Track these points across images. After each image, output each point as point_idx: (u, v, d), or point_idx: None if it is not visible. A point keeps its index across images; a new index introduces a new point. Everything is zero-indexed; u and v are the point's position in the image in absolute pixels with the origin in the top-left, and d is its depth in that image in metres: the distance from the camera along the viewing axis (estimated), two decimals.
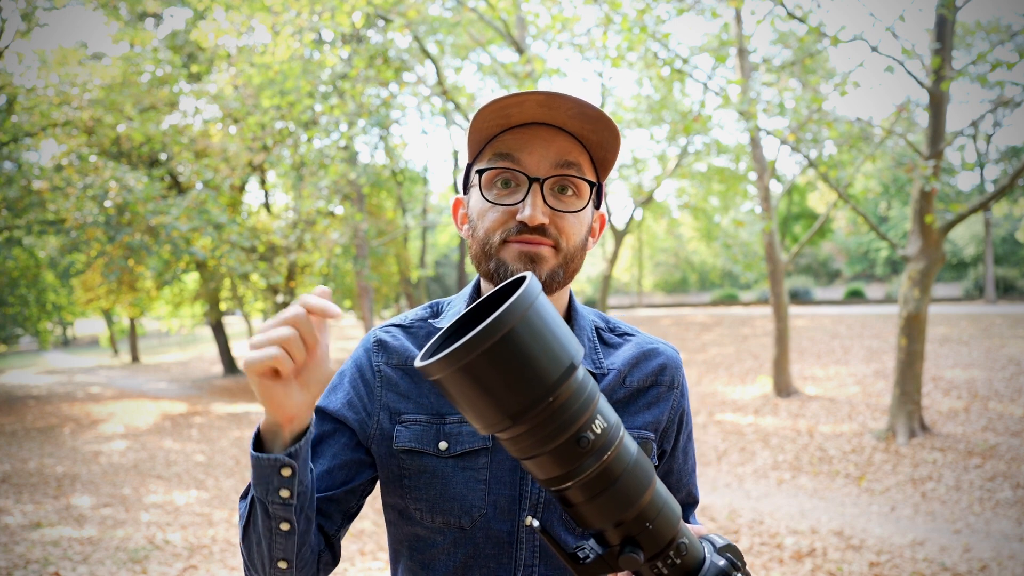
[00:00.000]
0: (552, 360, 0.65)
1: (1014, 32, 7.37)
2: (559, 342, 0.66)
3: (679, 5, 8.55)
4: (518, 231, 0.89)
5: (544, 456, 0.68)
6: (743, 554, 0.80)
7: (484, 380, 0.63)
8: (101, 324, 38.65)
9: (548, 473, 0.70)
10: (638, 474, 0.71)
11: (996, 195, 7.09)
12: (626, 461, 0.71)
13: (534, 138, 0.90)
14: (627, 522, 0.72)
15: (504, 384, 0.64)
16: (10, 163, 12.28)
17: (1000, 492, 5.88)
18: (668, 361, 1.05)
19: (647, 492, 0.72)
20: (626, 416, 0.99)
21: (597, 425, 0.69)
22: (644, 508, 0.72)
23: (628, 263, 31.03)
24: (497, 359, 0.63)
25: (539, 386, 0.64)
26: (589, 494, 0.70)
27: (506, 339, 0.62)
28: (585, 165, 0.93)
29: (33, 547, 4.94)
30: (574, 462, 0.68)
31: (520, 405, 0.65)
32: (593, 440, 0.68)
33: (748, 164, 13.32)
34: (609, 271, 15.05)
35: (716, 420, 9.26)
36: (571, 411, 0.67)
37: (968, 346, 11.58)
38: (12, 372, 23.86)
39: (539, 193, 0.89)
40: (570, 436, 0.67)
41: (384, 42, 10.65)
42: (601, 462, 0.69)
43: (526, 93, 0.85)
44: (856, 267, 36.38)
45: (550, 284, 0.92)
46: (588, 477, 0.69)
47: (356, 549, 4.99)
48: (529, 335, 0.64)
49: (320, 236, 12.49)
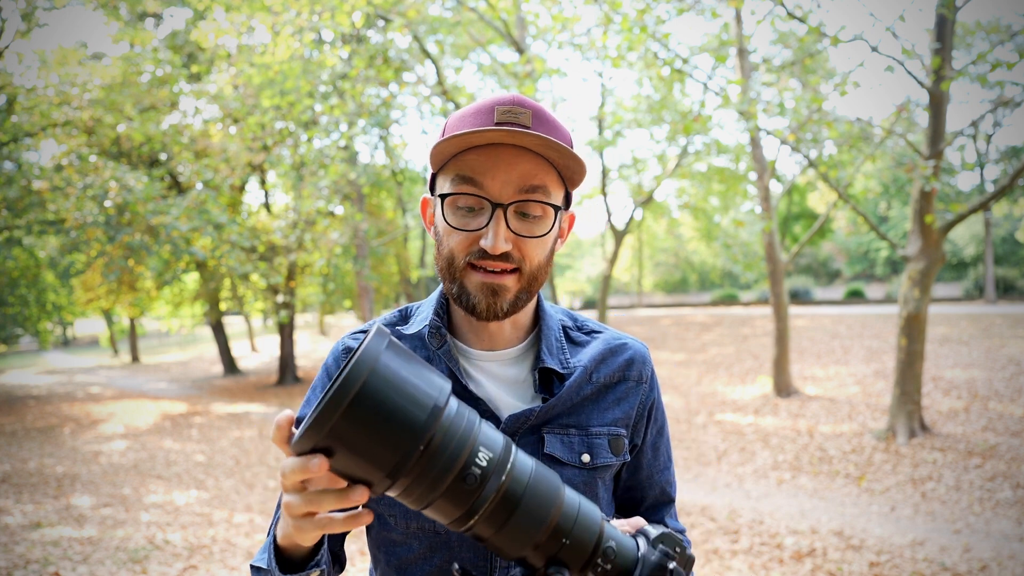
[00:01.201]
0: (415, 407, 0.63)
1: (1014, 32, 7.36)
2: (417, 387, 0.65)
3: (679, 5, 8.54)
4: (480, 256, 0.89)
5: (438, 501, 0.67)
6: (682, 539, 0.76)
7: (352, 443, 0.62)
8: (101, 324, 38.66)
9: (449, 516, 0.68)
10: (540, 492, 0.69)
11: (996, 195, 7.09)
12: (523, 482, 0.68)
13: (498, 161, 0.88)
14: (543, 543, 0.69)
15: (371, 443, 0.62)
16: (10, 163, 12.28)
17: (1000, 492, 5.87)
18: (635, 356, 1.04)
19: (555, 507, 0.70)
20: (595, 413, 0.99)
21: (482, 457, 0.66)
22: (556, 524, 0.70)
23: (628, 263, 31.03)
24: (356, 419, 0.61)
25: (406, 437, 0.63)
26: (496, 525, 0.68)
27: (359, 398, 0.61)
28: (551, 184, 0.91)
29: (33, 547, 4.94)
30: (468, 499, 0.66)
31: (393, 461, 0.63)
32: (480, 474, 0.66)
33: (748, 164, 13.31)
34: (609, 271, 15.04)
35: (716, 420, 9.26)
36: (448, 451, 0.65)
37: (968, 346, 11.58)
38: (12, 372, 23.86)
39: (502, 219, 0.88)
40: (455, 476, 0.65)
41: (384, 42, 10.66)
42: (497, 491, 0.67)
43: (492, 130, 0.84)
44: (856, 267, 36.38)
45: (513, 309, 0.92)
46: (489, 509, 0.67)
47: (356, 549, 4.99)
48: (383, 389, 0.62)
49: (320, 236, 12.48)
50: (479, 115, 0.90)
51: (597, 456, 0.97)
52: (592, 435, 0.97)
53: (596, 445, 0.97)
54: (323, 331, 28.73)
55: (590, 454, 0.96)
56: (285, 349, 15.45)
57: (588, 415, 0.98)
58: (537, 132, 0.86)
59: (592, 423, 0.98)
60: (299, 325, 32.32)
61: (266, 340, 29.28)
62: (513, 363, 1.00)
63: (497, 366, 0.99)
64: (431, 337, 0.98)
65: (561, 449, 0.95)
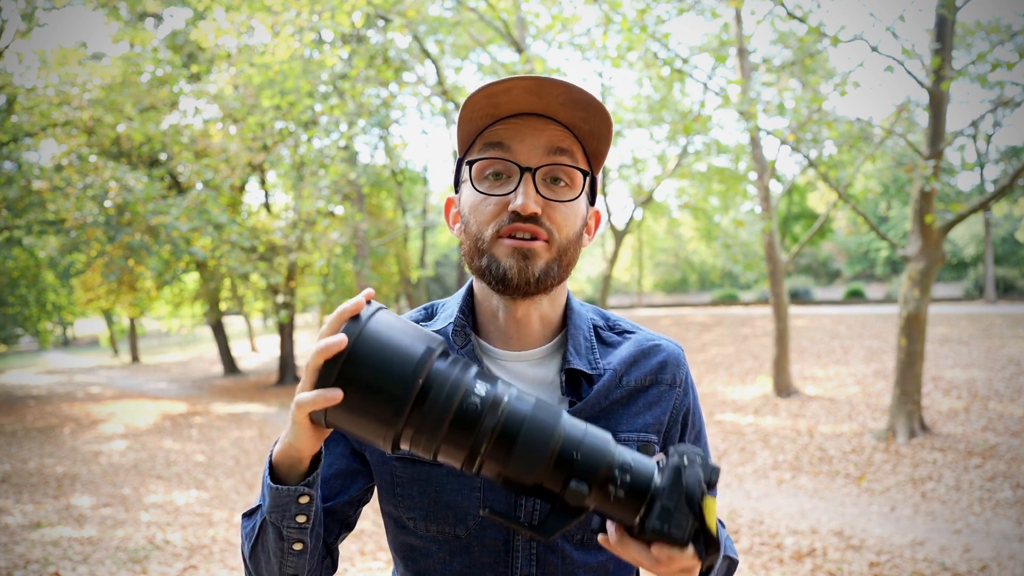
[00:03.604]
0: (410, 349, 0.70)
1: (1014, 32, 7.36)
2: (411, 334, 0.71)
3: (679, 5, 8.55)
4: (510, 221, 0.87)
5: (444, 445, 0.71)
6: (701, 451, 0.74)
7: (354, 394, 0.69)
8: (101, 324, 38.64)
9: (458, 458, 0.72)
10: (540, 419, 0.72)
11: (996, 195, 7.09)
12: (522, 413, 0.71)
13: (525, 127, 0.89)
14: (552, 464, 0.71)
15: (372, 390, 0.68)
16: (10, 163, 12.28)
17: (1000, 492, 5.87)
18: (669, 358, 1.00)
19: (557, 430, 0.71)
20: (625, 418, 0.95)
21: (478, 390, 0.71)
22: (562, 445, 0.71)
23: (628, 263, 31.03)
24: (356, 367, 0.68)
25: (403, 376, 0.68)
26: (502, 457, 0.71)
27: (358, 346, 0.68)
28: (578, 154, 0.91)
29: (33, 547, 4.94)
30: (470, 436, 0.70)
31: (394, 405, 0.68)
32: (478, 405, 0.70)
33: (748, 164, 13.32)
34: (609, 271, 15.04)
35: (716, 420, 9.26)
36: (446, 388, 0.70)
37: (968, 346, 11.58)
38: (12, 372, 23.86)
39: (531, 182, 0.87)
40: (455, 413, 0.69)
41: (384, 42, 10.65)
42: (496, 424, 0.70)
43: (514, 79, 0.84)
44: (856, 267, 36.38)
45: (544, 280, 0.89)
46: (491, 443, 0.70)
47: (356, 549, 4.99)
48: (381, 334, 0.70)
49: (320, 236, 12.48)
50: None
51: None
52: (621, 441, 0.91)
53: None
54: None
55: None
56: (285, 349, 15.46)
57: (617, 420, 0.94)
58: (564, 80, 0.85)
59: (621, 429, 0.94)
60: (299, 325, 32.28)
61: (266, 340, 29.29)
62: (539, 364, 0.96)
63: (523, 367, 0.96)
64: (455, 335, 0.95)
65: None
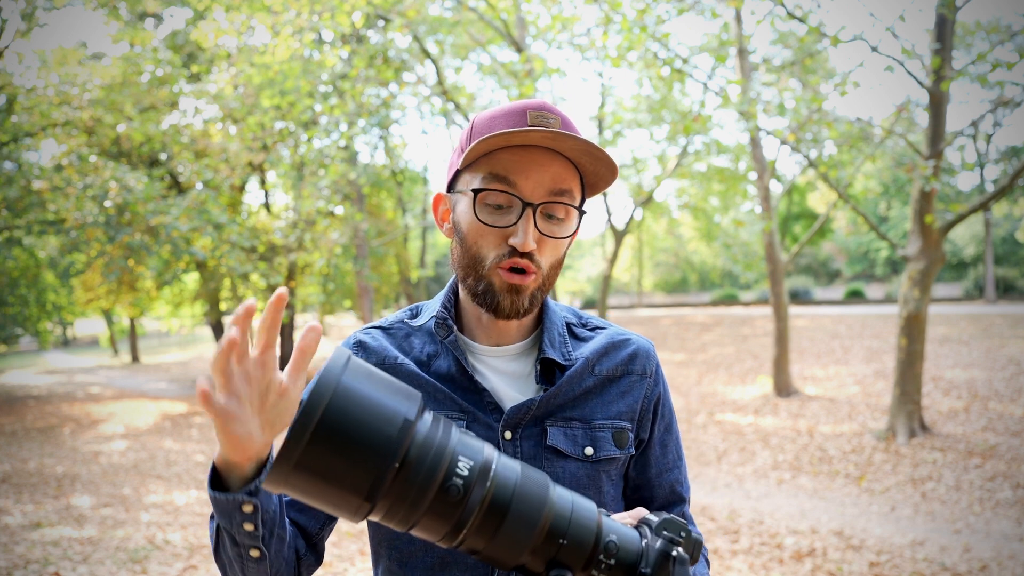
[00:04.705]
0: (384, 423, 0.61)
1: (1014, 32, 7.36)
2: (384, 403, 0.63)
3: (679, 5, 8.54)
4: (510, 255, 0.91)
5: (423, 519, 0.64)
6: (687, 523, 0.73)
7: (323, 471, 0.60)
8: (101, 324, 38.66)
9: (438, 533, 0.66)
10: (529, 494, 0.67)
11: (996, 195, 7.09)
12: (510, 487, 0.66)
13: (531, 162, 0.91)
14: (539, 546, 0.67)
15: (344, 467, 0.60)
16: (10, 163, 12.27)
17: (1000, 492, 5.87)
18: (639, 350, 1.05)
19: (546, 508, 0.67)
20: (599, 406, 0.99)
21: (463, 466, 0.64)
22: (551, 525, 0.67)
23: (628, 263, 31.03)
24: (323, 446, 0.59)
25: (379, 456, 0.60)
26: (487, 535, 0.65)
27: (323, 424, 0.59)
28: (576, 191, 0.94)
29: (33, 547, 4.94)
30: (454, 513, 0.64)
31: (368, 482, 0.61)
32: (463, 484, 0.64)
33: (748, 164, 13.31)
34: (609, 271, 15.04)
35: (716, 420, 9.26)
36: (426, 465, 0.63)
37: (968, 346, 11.58)
38: (12, 372, 23.86)
39: (531, 219, 0.90)
40: (437, 490, 0.63)
41: (384, 42, 10.65)
42: (483, 500, 0.65)
43: (534, 131, 0.86)
44: (856, 267, 36.38)
45: (530, 308, 0.94)
46: (477, 520, 0.65)
47: (356, 549, 4.99)
48: (348, 409, 0.60)
49: (320, 236, 12.48)
50: (511, 117, 0.92)
51: (600, 449, 0.97)
52: (595, 428, 0.98)
53: (599, 438, 0.97)
54: (323, 331, 28.73)
55: (593, 447, 0.96)
56: (285, 349, 15.46)
57: (592, 408, 0.99)
58: (584, 139, 0.88)
59: (596, 416, 0.99)
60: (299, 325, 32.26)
61: None
62: (516, 358, 1.01)
63: (501, 361, 1.00)
64: (437, 328, 1.00)
65: (564, 442, 0.95)
